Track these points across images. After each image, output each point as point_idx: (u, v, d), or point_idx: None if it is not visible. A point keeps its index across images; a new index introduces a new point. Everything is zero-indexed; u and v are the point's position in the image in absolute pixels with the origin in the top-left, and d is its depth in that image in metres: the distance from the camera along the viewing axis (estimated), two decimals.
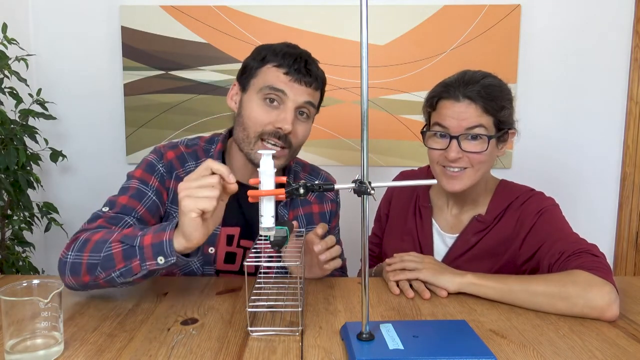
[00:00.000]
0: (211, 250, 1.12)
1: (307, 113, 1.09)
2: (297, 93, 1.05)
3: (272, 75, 1.05)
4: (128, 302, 0.94)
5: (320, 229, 1.04)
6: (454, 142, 1.04)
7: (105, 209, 1.02)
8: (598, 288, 0.87)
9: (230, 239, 1.14)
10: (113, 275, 0.87)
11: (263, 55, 1.07)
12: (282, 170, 1.20)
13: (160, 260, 0.83)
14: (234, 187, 0.81)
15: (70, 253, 0.92)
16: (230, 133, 1.19)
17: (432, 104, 1.10)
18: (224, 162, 1.15)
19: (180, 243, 0.83)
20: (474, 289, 0.96)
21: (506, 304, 0.94)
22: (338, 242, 1.17)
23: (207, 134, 1.22)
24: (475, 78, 1.05)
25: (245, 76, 1.10)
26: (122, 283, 0.89)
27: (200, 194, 0.78)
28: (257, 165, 1.04)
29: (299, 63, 1.04)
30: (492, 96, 1.04)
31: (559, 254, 0.98)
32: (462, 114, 1.03)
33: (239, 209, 1.14)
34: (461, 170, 1.06)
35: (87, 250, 0.90)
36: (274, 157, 1.05)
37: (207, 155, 1.15)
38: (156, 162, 1.10)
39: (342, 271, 1.31)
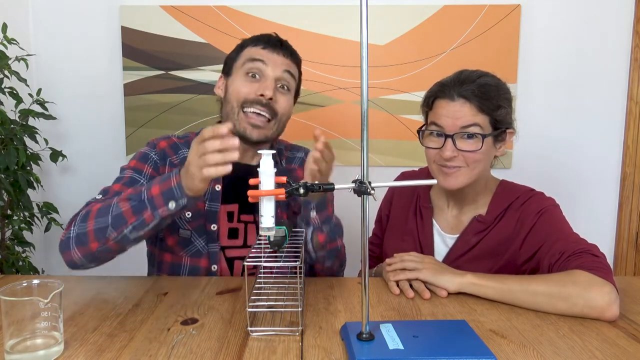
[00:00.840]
0: (213, 227, 1.17)
1: (287, 86, 1.17)
2: (275, 63, 1.14)
3: (252, 51, 1.16)
4: (128, 302, 0.94)
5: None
6: (449, 140, 1.05)
7: (99, 197, 1.08)
8: (598, 288, 0.87)
9: (230, 215, 1.19)
10: (125, 231, 0.94)
11: (242, 44, 1.19)
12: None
13: (172, 205, 0.92)
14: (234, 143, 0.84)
15: (72, 228, 0.99)
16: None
17: (428, 103, 1.11)
18: None
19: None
20: (474, 289, 0.96)
21: (506, 304, 0.94)
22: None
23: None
24: (471, 77, 1.06)
25: (228, 65, 1.20)
26: (134, 239, 0.96)
27: (211, 160, 0.84)
28: (246, 139, 1.13)
29: (274, 39, 1.16)
30: (487, 95, 1.04)
31: (559, 254, 0.98)
32: (457, 112, 1.04)
33: (236, 187, 1.19)
34: (457, 168, 1.07)
35: (91, 218, 0.97)
36: (259, 127, 1.12)
37: None
38: (149, 152, 1.18)
39: (340, 265, 1.30)
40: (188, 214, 1.15)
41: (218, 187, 1.18)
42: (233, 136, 0.84)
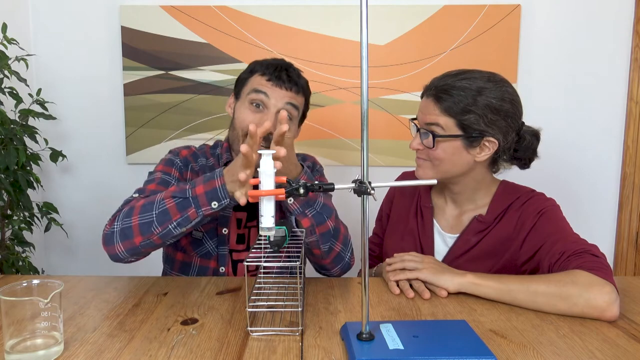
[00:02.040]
0: (225, 231, 1.24)
1: (289, 115, 1.19)
2: (277, 96, 1.17)
3: (256, 81, 1.20)
4: (128, 302, 0.94)
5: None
6: (417, 134, 1.12)
7: (136, 195, 1.13)
8: (598, 288, 0.87)
9: (239, 222, 1.26)
10: (170, 227, 0.99)
11: (252, 68, 1.23)
12: None
13: (214, 204, 0.97)
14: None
15: (116, 223, 1.03)
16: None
17: (421, 98, 1.16)
18: (230, 155, 1.28)
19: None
20: (474, 289, 0.96)
21: (506, 304, 0.94)
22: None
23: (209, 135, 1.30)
24: (449, 78, 1.08)
25: (238, 87, 1.26)
26: (178, 234, 1.01)
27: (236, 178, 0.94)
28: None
29: (280, 71, 1.19)
30: (455, 99, 1.04)
31: (559, 254, 0.98)
32: (424, 108, 1.11)
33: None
34: (422, 160, 1.14)
35: (136, 214, 1.01)
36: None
37: (213, 156, 1.31)
38: (174, 158, 1.26)
39: (344, 245, 1.31)
40: None
41: None
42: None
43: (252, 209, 1.26)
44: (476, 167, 1.11)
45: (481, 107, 1.04)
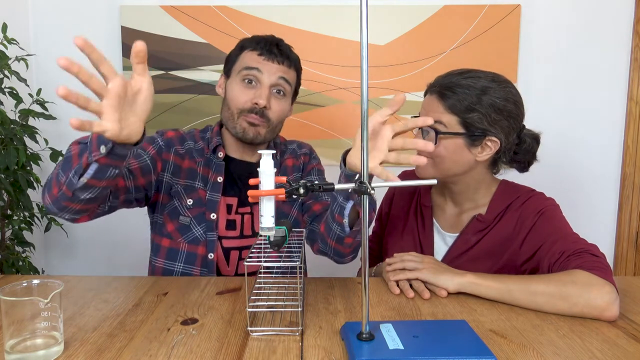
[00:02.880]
0: (213, 216, 1.21)
1: (283, 90, 1.21)
2: (270, 71, 1.18)
3: (248, 57, 1.19)
4: (128, 302, 0.94)
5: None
6: (419, 132, 1.10)
7: None
8: (598, 288, 0.87)
9: (229, 207, 1.24)
10: (70, 175, 0.90)
11: (241, 44, 1.23)
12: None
13: (102, 149, 0.84)
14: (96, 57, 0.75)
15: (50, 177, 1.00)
16: (221, 123, 1.31)
17: (424, 96, 1.16)
18: (221, 139, 1.28)
19: None
20: (474, 289, 0.96)
21: (506, 303, 0.94)
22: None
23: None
24: (454, 76, 1.08)
25: (228, 65, 1.25)
26: (81, 187, 0.90)
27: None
28: (245, 141, 1.20)
29: (271, 45, 1.19)
30: (460, 97, 1.04)
31: (559, 253, 0.98)
32: (427, 106, 1.10)
33: (235, 183, 1.26)
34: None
35: (58, 165, 0.97)
36: (255, 125, 1.18)
37: (203, 139, 1.28)
38: (156, 137, 1.24)
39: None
40: (190, 201, 1.21)
41: (220, 179, 1.23)
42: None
43: (241, 195, 1.24)
44: (477, 166, 1.11)
45: (485, 106, 1.05)
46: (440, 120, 1.06)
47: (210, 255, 1.20)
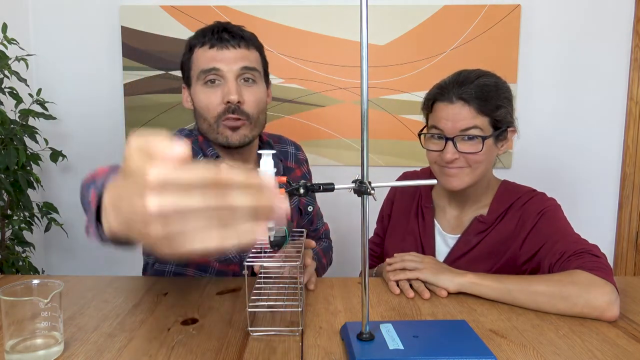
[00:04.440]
0: None
1: (251, 78, 1.08)
2: (229, 62, 1.04)
3: (200, 57, 1.06)
4: (128, 302, 0.94)
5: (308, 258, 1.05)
6: (450, 143, 1.05)
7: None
8: (598, 288, 0.87)
9: None
10: (84, 205, 0.66)
11: (189, 44, 1.10)
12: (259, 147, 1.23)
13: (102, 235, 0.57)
14: None
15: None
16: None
17: (428, 106, 1.12)
18: (214, 149, 1.14)
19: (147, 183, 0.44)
20: (474, 289, 0.96)
21: (506, 303, 0.94)
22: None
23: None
24: (470, 78, 1.06)
25: (185, 74, 1.12)
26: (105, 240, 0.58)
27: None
28: (232, 147, 1.08)
29: (219, 32, 1.05)
30: (486, 96, 1.04)
31: (560, 254, 0.98)
32: (456, 115, 1.04)
33: None
34: (459, 169, 1.07)
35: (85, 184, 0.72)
36: (238, 128, 1.06)
37: (194, 150, 1.14)
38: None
39: (326, 237, 1.38)
40: None
41: None
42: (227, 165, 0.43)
43: None
44: (493, 163, 1.13)
45: (503, 99, 1.06)
46: (476, 125, 1.04)
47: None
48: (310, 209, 1.32)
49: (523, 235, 1.08)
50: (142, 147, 0.40)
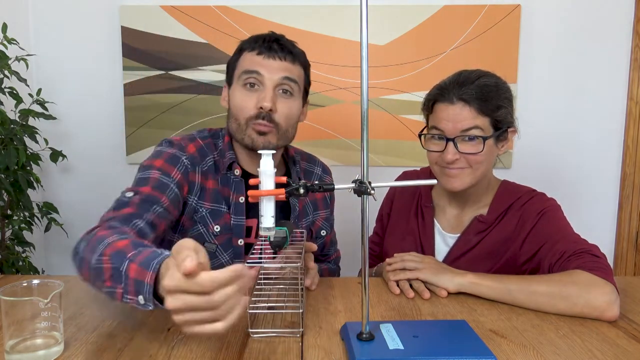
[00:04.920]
0: (240, 242, 1.12)
1: (289, 90, 1.09)
2: (271, 70, 1.07)
3: (247, 60, 1.09)
4: None
5: (310, 260, 1.06)
6: (450, 144, 1.05)
7: (130, 194, 0.97)
8: (599, 288, 0.87)
9: (249, 230, 1.15)
10: (104, 291, 0.76)
11: (240, 47, 1.13)
12: (284, 159, 1.23)
13: (141, 299, 0.70)
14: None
15: (81, 244, 0.85)
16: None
17: (428, 106, 1.11)
18: (234, 152, 1.15)
19: (162, 287, 0.65)
20: (474, 289, 0.96)
21: (506, 304, 0.94)
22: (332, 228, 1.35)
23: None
24: (470, 79, 1.06)
25: (229, 73, 1.15)
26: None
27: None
28: (256, 149, 1.08)
29: (270, 42, 1.08)
30: (486, 97, 1.04)
31: (560, 254, 0.98)
32: (456, 116, 1.04)
33: (256, 203, 1.15)
34: (460, 170, 1.07)
35: (88, 247, 0.81)
36: (264, 134, 1.07)
37: (216, 149, 1.14)
38: (180, 155, 1.08)
39: (335, 263, 1.32)
40: (217, 228, 1.10)
41: (242, 199, 1.12)
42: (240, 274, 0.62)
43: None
44: (494, 163, 1.13)
45: (503, 99, 1.06)
46: (477, 125, 1.04)
47: None
48: (323, 232, 1.30)
49: (523, 235, 1.08)
50: (174, 253, 0.64)
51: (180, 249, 0.62)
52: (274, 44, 1.08)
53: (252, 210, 1.13)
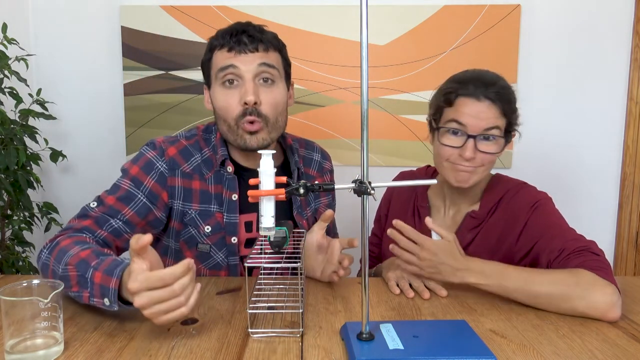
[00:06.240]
0: (234, 240, 1.11)
1: (270, 78, 1.06)
2: (246, 62, 1.04)
3: (219, 58, 1.06)
4: None
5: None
6: (471, 141, 1.03)
7: (94, 205, 1.06)
8: (600, 289, 0.87)
9: (248, 225, 1.13)
10: (70, 294, 0.88)
11: (210, 46, 1.09)
12: (281, 147, 1.23)
13: (107, 302, 0.81)
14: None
15: (44, 251, 0.95)
16: None
17: (449, 99, 1.07)
18: (226, 148, 1.13)
19: (127, 291, 0.77)
20: (476, 285, 0.95)
21: (507, 299, 0.93)
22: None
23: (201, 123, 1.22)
24: (493, 79, 1.06)
25: (205, 74, 1.12)
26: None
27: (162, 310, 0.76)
28: (250, 149, 1.07)
29: (238, 35, 1.04)
30: (508, 99, 1.05)
31: (559, 251, 0.97)
32: (481, 113, 1.03)
33: None
34: (474, 167, 1.06)
35: (53, 257, 0.91)
36: (256, 132, 1.05)
37: (208, 144, 1.13)
38: (156, 160, 1.08)
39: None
40: (207, 228, 1.10)
41: (235, 197, 1.11)
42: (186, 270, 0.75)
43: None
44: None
45: (515, 102, 1.08)
46: (497, 125, 1.04)
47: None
48: None
49: (517, 229, 1.07)
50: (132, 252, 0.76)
51: (132, 252, 0.76)
52: (242, 36, 1.04)
53: (250, 205, 1.10)
